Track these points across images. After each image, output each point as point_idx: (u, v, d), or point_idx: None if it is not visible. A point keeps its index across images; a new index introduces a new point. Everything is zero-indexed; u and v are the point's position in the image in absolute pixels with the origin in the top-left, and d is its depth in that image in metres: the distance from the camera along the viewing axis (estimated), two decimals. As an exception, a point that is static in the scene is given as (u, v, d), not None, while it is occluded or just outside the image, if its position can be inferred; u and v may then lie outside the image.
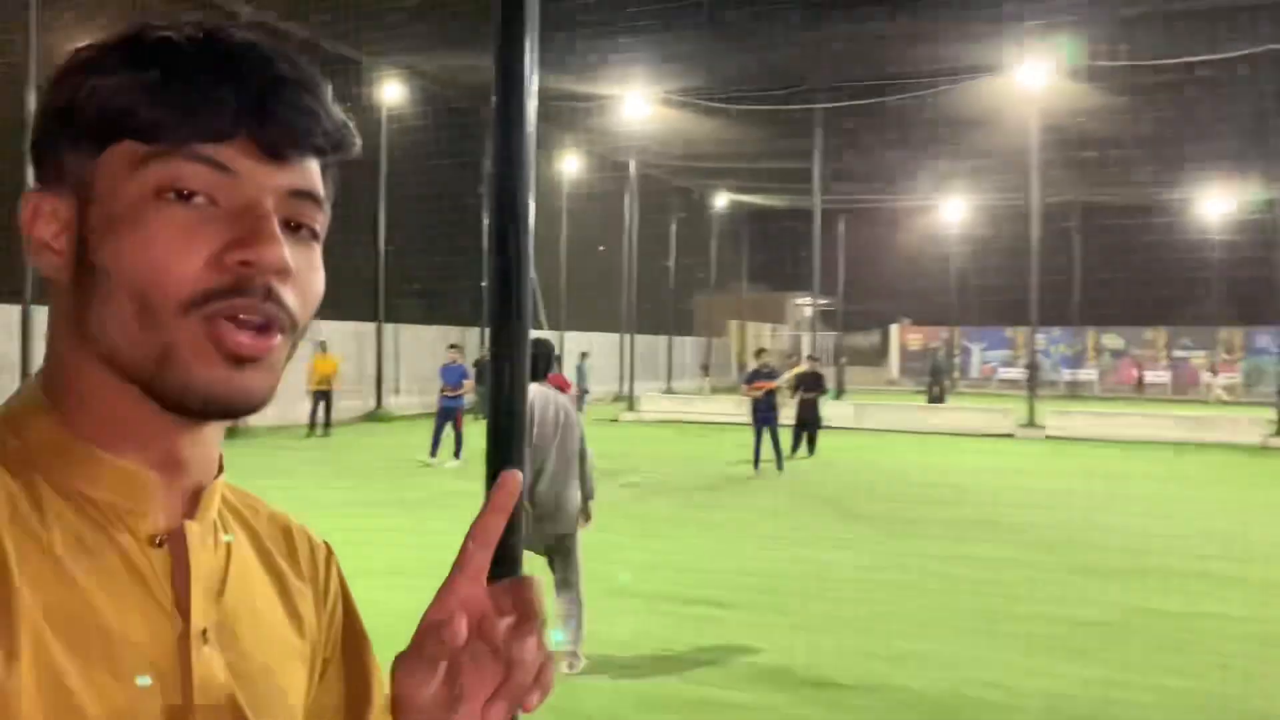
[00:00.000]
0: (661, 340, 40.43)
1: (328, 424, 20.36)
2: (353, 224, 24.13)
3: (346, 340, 24.46)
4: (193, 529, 0.70)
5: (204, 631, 0.68)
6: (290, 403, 20.72)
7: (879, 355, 50.05)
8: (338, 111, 0.71)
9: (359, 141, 0.73)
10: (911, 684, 6.11)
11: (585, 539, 6.50)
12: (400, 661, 0.70)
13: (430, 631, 0.69)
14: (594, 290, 34.70)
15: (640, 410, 27.54)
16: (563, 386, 14.82)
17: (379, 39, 22.54)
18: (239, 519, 0.79)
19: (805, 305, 47.90)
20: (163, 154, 0.65)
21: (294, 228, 0.69)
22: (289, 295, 0.67)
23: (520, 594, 0.70)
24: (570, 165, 32.73)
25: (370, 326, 25.52)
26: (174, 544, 0.69)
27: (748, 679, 6.16)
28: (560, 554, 6.24)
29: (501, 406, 4.16)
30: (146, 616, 0.66)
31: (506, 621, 0.69)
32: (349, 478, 14.41)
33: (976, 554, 9.94)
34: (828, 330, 42.37)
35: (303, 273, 0.69)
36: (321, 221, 0.72)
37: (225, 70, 0.66)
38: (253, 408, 0.68)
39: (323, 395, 20.32)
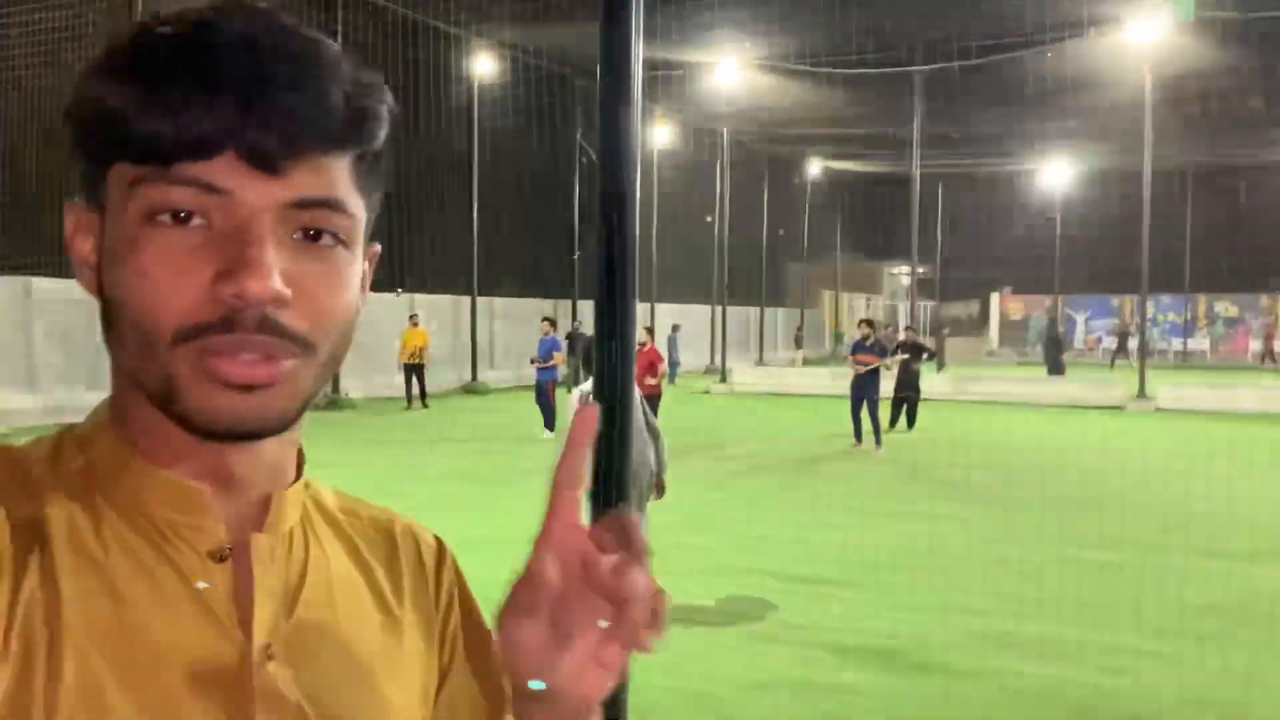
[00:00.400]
0: (753, 311, 40.06)
1: (424, 396, 20.59)
2: (447, 197, 24.33)
3: (442, 313, 24.75)
4: (259, 541, 0.68)
5: (268, 648, 0.66)
6: (388, 374, 21.07)
7: (977, 325, 48.85)
8: (354, 98, 0.64)
9: (383, 128, 0.67)
10: (1026, 670, 5.87)
11: (687, 513, 6.43)
12: (499, 616, 0.67)
13: (524, 579, 0.66)
14: (685, 261, 34.49)
15: (732, 382, 27.32)
16: (655, 360, 14.78)
17: (472, 10, 22.57)
18: (333, 525, 0.76)
19: (902, 274, 47.03)
20: (151, 176, 0.61)
21: (313, 235, 0.65)
22: (291, 319, 0.63)
23: (622, 530, 0.65)
24: (661, 133, 32.49)
25: (465, 299, 25.71)
26: (238, 558, 0.67)
27: (853, 660, 5.99)
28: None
29: (609, 382, 4.06)
30: (204, 635, 0.64)
31: (610, 560, 0.64)
32: (447, 449, 14.56)
33: (1089, 532, 9.56)
34: (925, 299, 41.45)
35: (316, 288, 0.64)
36: (347, 225, 0.66)
37: (208, 75, 0.60)
38: (267, 431, 0.65)
39: (414, 369, 20.54)
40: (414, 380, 20.57)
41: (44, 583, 0.61)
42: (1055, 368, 29.50)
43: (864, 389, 15.25)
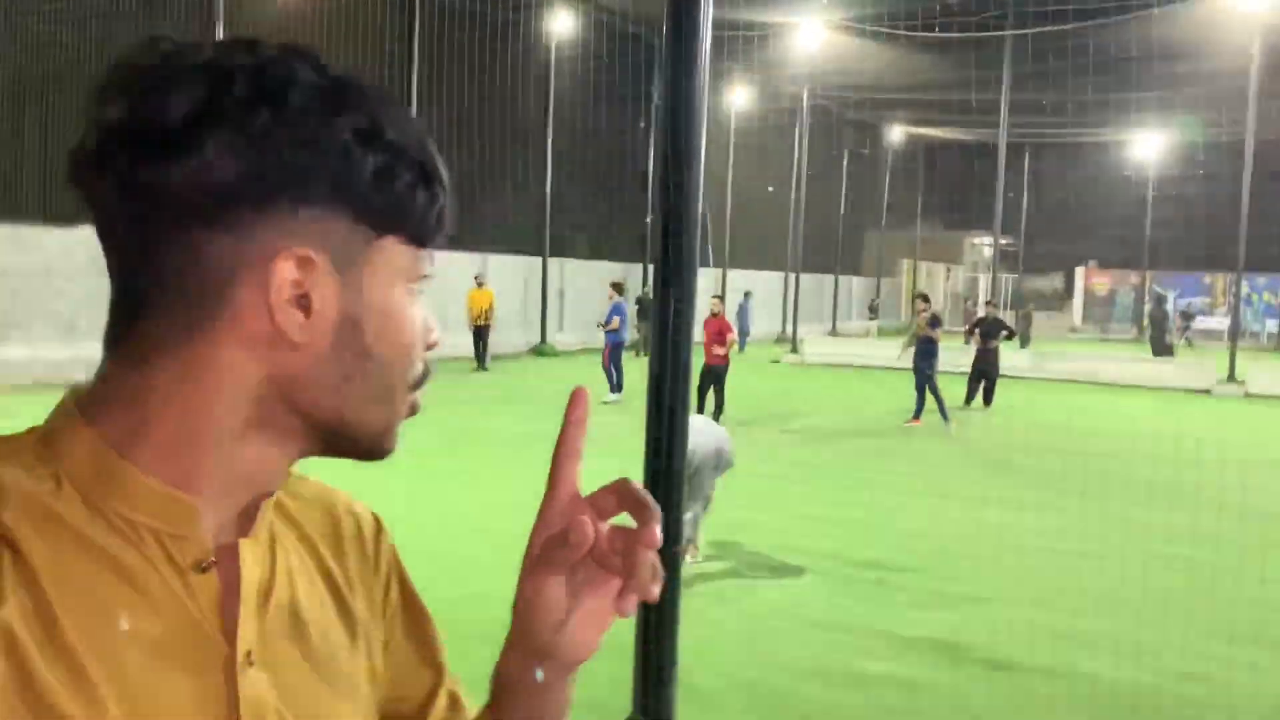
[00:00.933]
0: (828, 280, 39.41)
1: (485, 358, 20.63)
2: (520, 157, 24.20)
3: (513, 275, 24.71)
4: (247, 548, 0.69)
5: (249, 654, 0.67)
6: (458, 334, 21.14)
7: (1061, 300, 47.49)
8: None
9: None
10: (1100, 670, 5.58)
11: (748, 488, 6.27)
12: (526, 577, 0.72)
13: (554, 541, 0.70)
14: (759, 227, 34.00)
15: (803, 352, 26.90)
16: (724, 329, 14.50)
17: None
18: (283, 514, 0.76)
19: (984, 245, 45.90)
20: (422, 254, 0.71)
21: None
22: None
23: (624, 492, 0.70)
24: (738, 97, 31.94)
25: (536, 260, 25.62)
26: (224, 565, 0.67)
27: (918, 652, 5.76)
28: None
29: (665, 348, 3.87)
30: (188, 645, 0.65)
31: (606, 527, 0.71)
32: (515, 411, 14.54)
33: (1169, 524, 9.14)
34: (1006, 272, 40.35)
35: None
36: None
37: (441, 173, 0.70)
38: None
39: (481, 330, 20.56)
40: (481, 341, 20.62)
41: (28, 593, 0.60)
42: (1160, 348, 28.38)
43: (920, 363, 14.98)
